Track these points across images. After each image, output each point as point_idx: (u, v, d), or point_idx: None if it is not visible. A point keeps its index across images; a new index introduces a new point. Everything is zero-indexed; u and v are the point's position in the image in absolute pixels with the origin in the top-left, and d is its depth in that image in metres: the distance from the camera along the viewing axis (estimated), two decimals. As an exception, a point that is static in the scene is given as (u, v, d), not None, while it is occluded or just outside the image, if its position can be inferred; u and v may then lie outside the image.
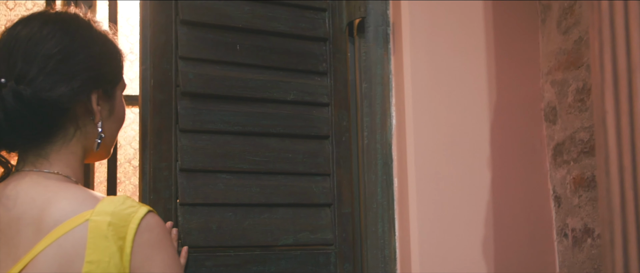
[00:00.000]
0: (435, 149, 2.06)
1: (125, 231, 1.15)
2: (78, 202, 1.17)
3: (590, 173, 1.91)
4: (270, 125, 1.96)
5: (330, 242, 1.95)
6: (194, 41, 1.89)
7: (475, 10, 2.14)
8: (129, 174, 2.66)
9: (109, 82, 1.34)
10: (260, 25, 1.99)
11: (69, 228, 1.14)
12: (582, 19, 1.95)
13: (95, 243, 1.13)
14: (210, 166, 1.86)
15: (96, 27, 1.35)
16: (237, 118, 1.92)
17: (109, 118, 1.35)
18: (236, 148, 1.91)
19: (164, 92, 1.83)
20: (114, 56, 1.36)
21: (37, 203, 1.18)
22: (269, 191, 1.92)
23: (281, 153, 1.96)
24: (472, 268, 2.02)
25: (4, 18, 2.63)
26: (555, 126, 2.08)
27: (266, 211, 1.90)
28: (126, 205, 1.18)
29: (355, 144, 2.09)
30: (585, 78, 1.93)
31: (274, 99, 1.98)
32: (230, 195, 1.87)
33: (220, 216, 1.84)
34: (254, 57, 1.97)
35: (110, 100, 1.35)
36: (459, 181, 2.06)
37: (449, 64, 2.10)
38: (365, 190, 2.06)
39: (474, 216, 2.05)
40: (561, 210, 2.06)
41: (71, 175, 1.27)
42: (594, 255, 1.89)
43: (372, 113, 2.09)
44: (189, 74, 1.86)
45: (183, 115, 1.84)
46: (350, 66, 2.12)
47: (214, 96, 1.90)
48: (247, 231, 1.86)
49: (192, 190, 1.82)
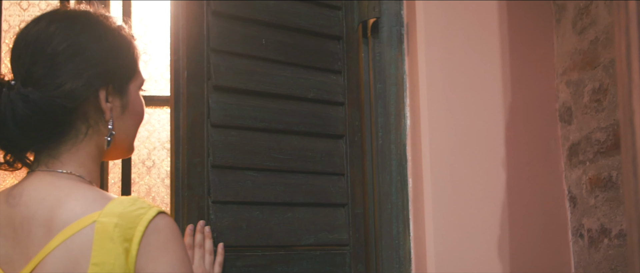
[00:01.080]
0: (449, 149, 2.05)
1: (132, 233, 1.13)
2: (87, 203, 1.17)
3: (607, 173, 1.90)
4: (293, 122, 1.93)
5: (346, 242, 1.94)
6: (225, 33, 1.85)
7: (489, 10, 2.14)
8: (143, 174, 2.66)
9: (120, 78, 1.30)
10: (283, 21, 1.96)
11: (76, 230, 1.13)
12: (599, 19, 1.95)
13: (101, 245, 1.12)
14: (239, 163, 1.82)
15: (106, 22, 1.32)
16: (263, 114, 1.88)
17: (123, 114, 1.32)
18: (262, 144, 1.87)
19: (197, 85, 1.79)
20: (126, 50, 1.32)
21: (47, 203, 1.18)
22: (292, 189, 1.89)
23: (302, 151, 1.93)
24: (487, 268, 2.02)
25: (17, 18, 2.64)
26: (571, 126, 2.08)
27: (289, 210, 1.88)
28: (136, 206, 1.16)
29: (369, 145, 2.09)
30: (602, 78, 1.93)
31: (296, 97, 1.95)
32: (258, 193, 1.83)
33: (249, 215, 1.81)
34: (278, 52, 1.94)
35: (123, 96, 1.31)
36: (474, 181, 2.05)
37: (464, 64, 2.10)
38: (380, 191, 2.06)
39: (489, 217, 2.05)
40: (576, 210, 2.06)
41: (85, 175, 1.26)
42: (612, 255, 1.88)
43: (387, 114, 2.09)
44: (220, 67, 1.82)
45: (214, 109, 1.79)
46: (364, 66, 2.12)
47: (243, 90, 1.86)
48: (273, 231, 1.84)
49: (224, 187, 1.78)
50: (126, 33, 1.34)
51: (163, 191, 2.70)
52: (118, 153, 1.37)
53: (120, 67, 1.30)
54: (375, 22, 2.11)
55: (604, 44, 1.92)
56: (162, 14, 2.93)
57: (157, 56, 2.95)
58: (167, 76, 2.78)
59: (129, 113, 1.33)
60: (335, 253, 1.91)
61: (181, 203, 1.72)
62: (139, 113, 1.36)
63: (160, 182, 2.70)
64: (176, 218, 1.71)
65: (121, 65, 1.30)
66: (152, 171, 2.70)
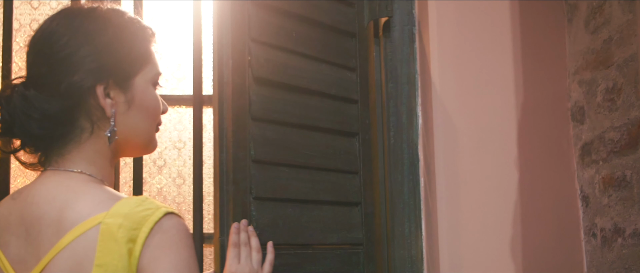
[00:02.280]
0: (461, 148, 2.05)
1: (137, 234, 1.12)
2: (94, 204, 1.16)
3: (621, 172, 1.90)
4: (318, 118, 1.89)
5: (360, 241, 1.93)
6: (263, 24, 1.80)
7: (501, 9, 2.14)
8: (154, 174, 2.67)
9: (122, 72, 1.26)
10: (310, 14, 1.92)
11: (82, 231, 1.13)
12: (613, 19, 1.94)
13: (105, 246, 1.11)
14: (275, 158, 1.77)
15: (110, 15, 1.29)
16: (294, 108, 1.84)
17: (129, 109, 1.27)
18: (294, 140, 1.83)
19: (240, 76, 1.71)
20: (130, 44, 1.28)
21: (56, 203, 1.18)
22: (318, 187, 1.86)
23: (325, 148, 1.90)
24: (500, 268, 2.02)
25: (28, 17, 2.64)
26: (583, 125, 2.08)
27: (316, 208, 1.84)
28: (143, 207, 1.14)
29: (381, 144, 2.09)
30: (616, 78, 1.93)
31: (320, 92, 1.91)
32: (290, 190, 1.79)
33: (283, 212, 1.76)
34: (305, 46, 1.89)
35: (127, 91, 1.27)
36: (486, 180, 2.05)
37: (475, 63, 2.10)
38: (392, 190, 2.06)
39: (501, 216, 2.05)
40: (589, 210, 2.06)
41: (95, 173, 1.25)
42: (626, 254, 1.88)
43: (398, 113, 2.09)
44: (260, 59, 1.76)
45: (255, 102, 1.73)
46: (376, 65, 2.12)
47: (279, 83, 1.81)
48: (304, 228, 1.80)
49: (263, 183, 1.72)
50: (133, 25, 1.30)
51: (174, 191, 2.70)
52: (134, 149, 1.34)
53: (120, 62, 1.26)
54: (387, 21, 2.11)
55: (618, 43, 1.92)
56: (173, 14, 2.94)
57: (168, 55, 2.95)
58: (178, 75, 2.79)
59: (136, 108, 1.28)
60: (351, 252, 1.90)
61: (226, 198, 1.66)
62: (148, 108, 1.30)
63: (171, 181, 2.70)
64: (221, 215, 1.66)
65: (122, 59, 1.26)
66: (164, 170, 2.70)
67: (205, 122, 2.64)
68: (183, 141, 2.71)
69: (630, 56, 1.87)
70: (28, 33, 2.71)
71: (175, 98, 2.69)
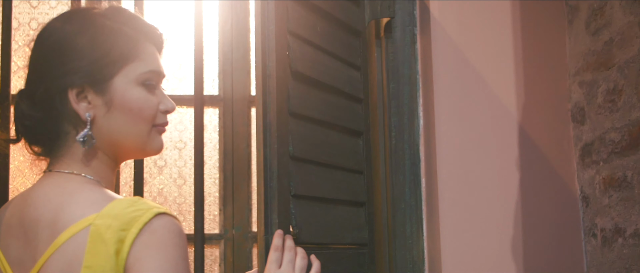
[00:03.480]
0: (462, 149, 2.06)
1: (126, 235, 1.11)
2: (87, 205, 1.15)
3: (621, 173, 1.91)
4: (336, 117, 1.85)
5: (366, 241, 1.93)
6: (297, 16, 1.74)
7: (502, 11, 2.15)
8: (155, 174, 2.67)
9: (97, 74, 1.24)
10: (328, 8, 1.86)
11: (73, 233, 1.13)
12: (614, 21, 1.95)
13: (93, 248, 1.11)
14: (308, 156, 1.71)
15: (96, 17, 1.27)
16: (320, 105, 1.78)
17: (109, 112, 1.24)
18: (319, 137, 1.78)
19: (283, 69, 1.64)
20: (109, 44, 1.25)
21: (52, 205, 1.18)
22: (336, 186, 1.82)
23: (340, 146, 1.87)
24: (500, 268, 2.03)
25: (28, 16, 2.64)
26: (584, 126, 2.09)
27: (334, 208, 1.80)
28: (134, 208, 1.13)
29: (383, 144, 2.09)
30: (617, 79, 1.94)
31: (337, 90, 1.87)
32: (318, 188, 1.75)
33: (312, 211, 1.71)
34: (327, 42, 1.85)
35: (105, 93, 1.24)
36: (486, 181, 2.06)
37: (477, 64, 2.10)
38: (394, 190, 2.06)
39: (502, 217, 2.06)
40: (589, 210, 2.07)
41: (92, 175, 1.25)
42: (626, 254, 1.89)
43: (400, 113, 2.09)
44: (296, 52, 1.69)
45: (293, 97, 1.67)
46: (378, 65, 2.12)
47: (310, 79, 1.76)
48: (328, 228, 1.75)
49: (300, 180, 1.66)
50: (114, 24, 1.27)
51: (175, 191, 2.70)
52: (130, 152, 1.31)
53: (95, 64, 1.23)
54: (389, 22, 2.12)
55: (619, 44, 1.93)
56: (174, 14, 2.94)
57: (169, 55, 2.94)
58: (179, 75, 2.79)
59: (118, 109, 1.25)
60: (359, 253, 1.89)
61: (271, 195, 1.59)
62: (132, 109, 1.25)
63: (172, 182, 2.70)
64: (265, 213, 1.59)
65: (98, 61, 1.24)
66: (164, 170, 2.70)
67: (206, 122, 2.64)
68: (184, 141, 2.71)
69: (631, 58, 1.88)
70: (27, 32, 2.71)
71: (176, 98, 2.68)
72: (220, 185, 2.54)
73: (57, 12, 2.69)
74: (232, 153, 2.52)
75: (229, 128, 2.54)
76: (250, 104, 2.56)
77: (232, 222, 2.49)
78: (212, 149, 2.67)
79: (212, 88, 2.67)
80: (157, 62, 1.31)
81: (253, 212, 2.50)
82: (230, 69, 2.56)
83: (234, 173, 2.51)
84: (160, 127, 1.32)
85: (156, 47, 1.33)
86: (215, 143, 2.65)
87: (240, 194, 2.50)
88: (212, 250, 2.55)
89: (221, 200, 2.52)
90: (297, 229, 1.60)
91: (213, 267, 2.58)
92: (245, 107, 2.55)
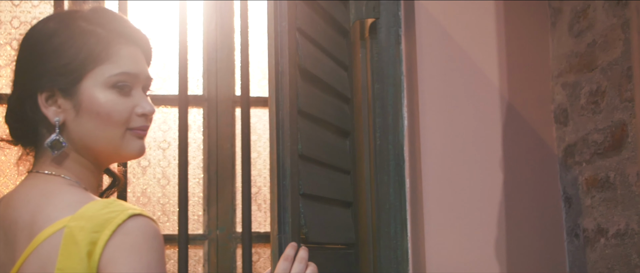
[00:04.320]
0: (446, 150, 2.07)
1: (98, 237, 1.09)
2: (62, 207, 1.14)
3: (604, 174, 1.93)
4: (331, 116, 1.84)
5: (354, 241, 1.93)
6: (303, 13, 1.71)
7: (486, 12, 2.16)
8: (139, 174, 2.65)
9: (65, 78, 1.22)
10: (327, 7, 1.85)
11: (47, 235, 1.12)
12: (597, 23, 1.97)
13: (66, 250, 1.10)
14: (312, 155, 1.69)
15: (70, 20, 1.25)
16: (320, 104, 1.78)
17: (78, 115, 1.22)
18: (319, 136, 1.76)
19: (293, 66, 1.61)
20: (78, 47, 1.22)
21: (31, 206, 1.17)
22: (333, 185, 1.81)
23: (333, 147, 1.86)
24: (484, 268, 2.04)
25: (9, 15, 2.61)
26: (567, 127, 2.11)
27: (331, 208, 1.79)
28: (108, 209, 1.11)
29: (368, 145, 2.09)
30: (600, 81, 1.95)
31: (333, 89, 1.85)
32: (319, 188, 1.73)
33: (315, 210, 1.68)
34: (323, 39, 1.82)
35: (73, 96, 1.22)
36: (471, 182, 2.07)
37: (461, 65, 2.12)
38: (378, 191, 2.07)
39: (486, 217, 2.07)
40: (572, 211, 2.08)
41: (72, 177, 1.23)
42: (609, 254, 1.91)
43: (384, 114, 2.10)
44: (302, 48, 1.67)
45: (302, 95, 1.65)
46: (362, 66, 2.13)
47: (314, 77, 1.74)
48: (326, 228, 1.74)
49: (306, 179, 1.64)
50: (89, 26, 1.25)
51: (159, 192, 2.69)
52: (106, 156, 1.27)
53: (63, 67, 1.21)
54: (374, 22, 2.12)
55: (602, 46, 1.94)
56: (157, 13, 2.92)
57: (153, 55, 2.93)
58: (163, 75, 2.77)
59: (86, 113, 1.22)
60: (348, 252, 1.89)
61: (284, 194, 1.56)
62: (99, 112, 1.22)
63: (155, 182, 2.69)
64: (279, 212, 1.55)
65: (66, 64, 1.22)
66: (148, 171, 2.69)
67: (190, 122, 2.63)
68: (168, 141, 2.70)
69: (614, 60, 1.89)
70: (8, 31, 2.68)
71: (160, 98, 2.68)
72: (204, 185, 2.53)
73: (39, 11, 2.67)
74: (217, 153, 2.51)
75: (213, 128, 2.53)
76: (235, 104, 2.55)
77: (216, 223, 2.48)
78: (196, 150, 2.66)
79: (196, 88, 2.66)
80: (131, 64, 1.26)
81: (237, 212, 2.50)
82: (215, 69, 2.55)
83: (218, 174, 2.50)
84: (138, 131, 1.27)
85: (140, 50, 1.30)
86: (199, 143, 2.64)
87: (225, 194, 2.49)
88: (196, 251, 2.54)
89: (205, 201, 2.51)
90: (306, 229, 1.58)
91: (197, 268, 2.57)
92: (230, 107, 2.54)
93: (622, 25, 1.86)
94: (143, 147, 1.29)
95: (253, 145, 2.73)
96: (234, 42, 2.57)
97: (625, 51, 1.85)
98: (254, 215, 2.69)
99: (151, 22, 2.88)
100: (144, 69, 1.30)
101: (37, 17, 2.64)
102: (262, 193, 2.76)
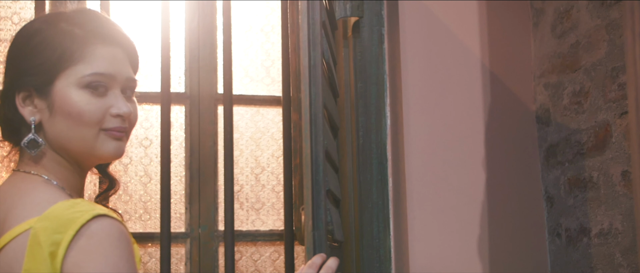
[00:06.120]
0: (429, 149, 2.08)
1: (61, 238, 1.07)
2: (31, 207, 1.13)
3: (587, 174, 1.94)
4: (330, 113, 1.83)
5: (342, 239, 1.91)
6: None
7: (469, 13, 2.17)
8: (120, 172, 2.63)
9: (40, 78, 1.21)
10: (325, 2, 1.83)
11: (14, 235, 1.11)
12: (580, 24, 1.98)
13: (31, 251, 1.09)
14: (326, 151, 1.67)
15: (52, 20, 1.25)
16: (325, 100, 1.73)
17: (52, 116, 1.21)
18: (327, 134, 1.74)
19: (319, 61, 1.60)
20: (52, 48, 1.21)
21: (6, 205, 1.17)
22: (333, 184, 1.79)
23: (330, 144, 1.82)
24: (466, 267, 2.05)
25: (-11, 12, 2.59)
26: (549, 128, 2.12)
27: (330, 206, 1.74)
28: (73, 210, 1.10)
29: (350, 143, 2.09)
30: (583, 81, 1.96)
31: (330, 86, 1.84)
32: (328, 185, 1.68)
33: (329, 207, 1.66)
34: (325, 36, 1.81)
35: (47, 96, 1.21)
36: (453, 181, 2.08)
37: (444, 65, 2.12)
38: (361, 190, 2.07)
39: (468, 216, 2.08)
40: (554, 210, 2.09)
41: (51, 177, 1.22)
42: (591, 254, 1.92)
43: (367, 113, 2.10)
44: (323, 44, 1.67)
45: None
46: (345, 64, 2.12)
47: (323, 73, 1.71)
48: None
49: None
50: (67, 26, 1.24)
51: (140, 189, 2.67)
52: (81, 157, 1.25)
53: (37, 67, 1.21)
54: (357, 21, 2.12)
55: (586, 47, 1.96)
56: (141, 12, 2.91)
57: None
58: (145, 72, 2.75)
59: (59, 113, 1.21)
60: (337, 250, 1.87)
61: (317, 191, 1.55)
62: (70, 113, 1.21)
63: (137, 180, 2.67)
64: (314, 207, 1.54)
65: (40, 65, 1.21)
66: (129, 168, 2.66)
67: (172, 120, 2.61)
68: (150, 139, 2.68)
69: (598, 60, 1.90)
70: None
71: (142, 95, 2.65)
72: (186, 183, 2.51)
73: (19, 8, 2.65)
74: (199, 151, 2.49)
75: (195, 125, 2.51)
76: (217, 102, 2.54)
77: (198, 221, 2.46)
78: (178, 147, 2.63)
79: (178, 85, 2.64)
80: (107, 65, 1.24)
81: (219, 211, 2.48)
82: (197, 67, 2.53)
83: (201, 172, 2.48)
84: (113, 131, 1.25)
85: (122, 51, 1.27)
86: (181, 141, 2.62)
87: (207, 192, 2.47)
88: (177, 249, 2.52)
89: (187, 199, 2.49)
90: (331, 226, 1.57)
91: (178, 266, 2.56)
92: (212, 105, 2.52)
93: (606, 26, 1.87)
94: (120, 148, 1.27)
95: (235, 143, 2.72)
96: (216, 40, 2.55)
97: (610, 52, 1.86)
98: (236, 213, 2.67)
99: (133, 19, 2.87)
100: (123, 70, 1.27)
101: (17, 13, 2.63)
102: (244, 192, 2.75)
